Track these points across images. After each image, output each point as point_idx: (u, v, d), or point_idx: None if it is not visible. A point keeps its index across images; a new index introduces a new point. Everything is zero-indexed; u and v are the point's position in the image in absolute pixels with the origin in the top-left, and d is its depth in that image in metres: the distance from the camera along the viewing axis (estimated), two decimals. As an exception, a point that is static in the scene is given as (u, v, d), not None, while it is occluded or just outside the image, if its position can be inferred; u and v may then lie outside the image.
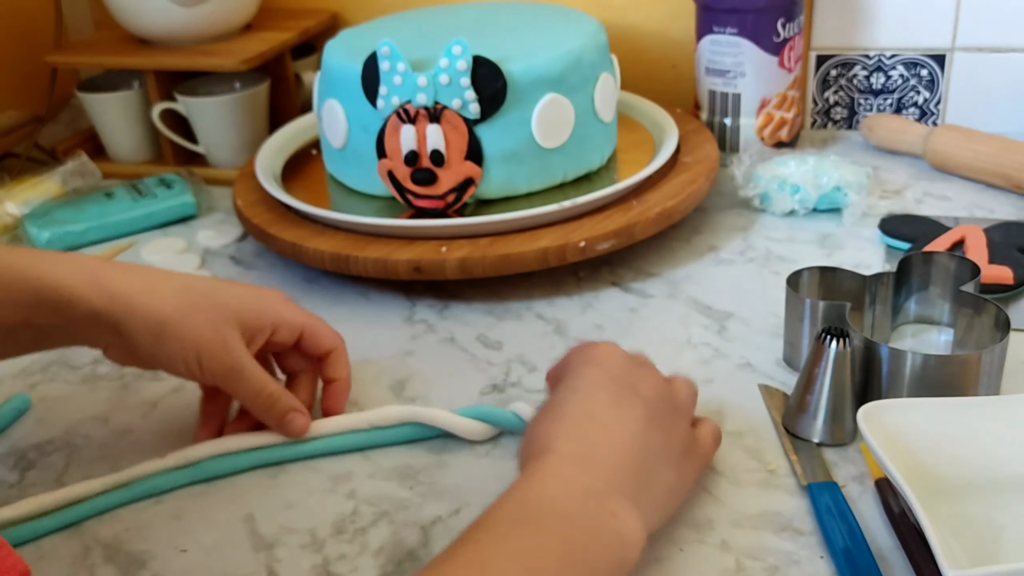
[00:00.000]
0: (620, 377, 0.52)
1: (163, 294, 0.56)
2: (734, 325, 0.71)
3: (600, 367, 0.52)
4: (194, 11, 0.98)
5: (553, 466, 0.47)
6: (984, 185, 0.89)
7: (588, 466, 0.47)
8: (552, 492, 0.45)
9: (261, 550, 0.54)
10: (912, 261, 0.67)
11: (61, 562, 0.54)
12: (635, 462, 0.48)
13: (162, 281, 0.57)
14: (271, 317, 0.59)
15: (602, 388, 0.51)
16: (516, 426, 0.61)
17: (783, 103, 0.94)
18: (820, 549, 0.51)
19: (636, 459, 0.49)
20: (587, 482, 0.46)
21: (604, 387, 0.51)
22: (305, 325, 0.61)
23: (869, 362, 0.60)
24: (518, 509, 0.44)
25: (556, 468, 0.46)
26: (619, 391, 0.51)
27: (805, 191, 0.84)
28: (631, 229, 0.76)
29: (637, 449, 0.49)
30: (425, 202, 0.78)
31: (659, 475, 0.50)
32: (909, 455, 0.52)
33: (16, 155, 1.07)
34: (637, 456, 0.49)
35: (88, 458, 0.62)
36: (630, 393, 0.51)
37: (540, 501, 0.45)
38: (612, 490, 0.46)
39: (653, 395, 0.52)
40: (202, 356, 0.56)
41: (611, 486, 0.47)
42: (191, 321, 0.56)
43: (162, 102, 1.00)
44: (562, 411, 0.50)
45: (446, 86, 0.74)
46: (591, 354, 0.53)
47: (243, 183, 0.89)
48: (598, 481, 0.46)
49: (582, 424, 0.49)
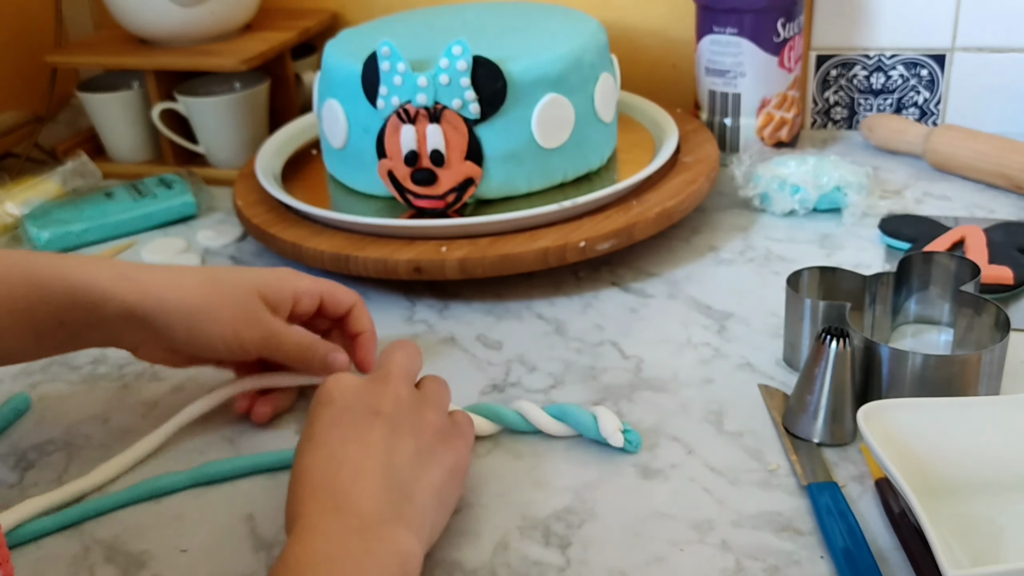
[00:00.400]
0: (352, 405, 0.52)
1: (189, 286, 0.59)
2: (734, 325, 0.71)
3: (332, 405, 0.52)
4: (194, 11, 0.98)
5: (311, 525, 0.47)
6: (984, 185, 0.89)
7: (340, 513, 0.47)
8: (316, 547, 0.46)
9: (261, 550, 0.54)
10: (912, 261, 0.67)
11: (61, 562, 0.54)
12: (387, 483, 0.49)
13: (187, 274, 0.60)
14: (290, 288, 0.62)
15: (335, 425, 0.51)
16: (518, 425, 0.61)
17: (783, 103, 0.94)
18: (820, 549, 0.51)
19: (387, 480, 0.49)
20: (346, 525, 0.47)
21: (337, 423, 0.51)
22: (323, 290, 0.64)
23: (869, 362, 0.60)
24: (293, 568, 0.45)
25: (311, 526, 0.47)
26: (353, 420, 0.51)
27: (805, 191, 0.84)
28: (631, 229, 0.76)
29: (387, 472, 0.49)
30: (425, 202, 0.78)
31: (420, 481, 0.50)
32: (909, 455, 0.52)
33: (16, 155, 1.07)
34: (388, 477, 0.49)
35: (88, 458, 0.62)
36: (365, 417, 0.51)
37: (312, 555, 0.45)
38: (370, 522, 0.47)
39: (392, 407, 0.52)
40: (239, 330, 0.59)
41: (369, 520, 0.47)
42: (220, 304, 0.59)
43: (162, 102, 1.00)
44: (303, 468, 0.50)
45: (446, 86, 0.74)
46: (323, 394, 0.53)
47: (243, 183, 0.89)
48: (352, 520, 0.47)
49: (325, 473, 0.49)
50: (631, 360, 0.68)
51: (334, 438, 0.51)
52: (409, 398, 0.54)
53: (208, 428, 0.64)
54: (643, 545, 0.52)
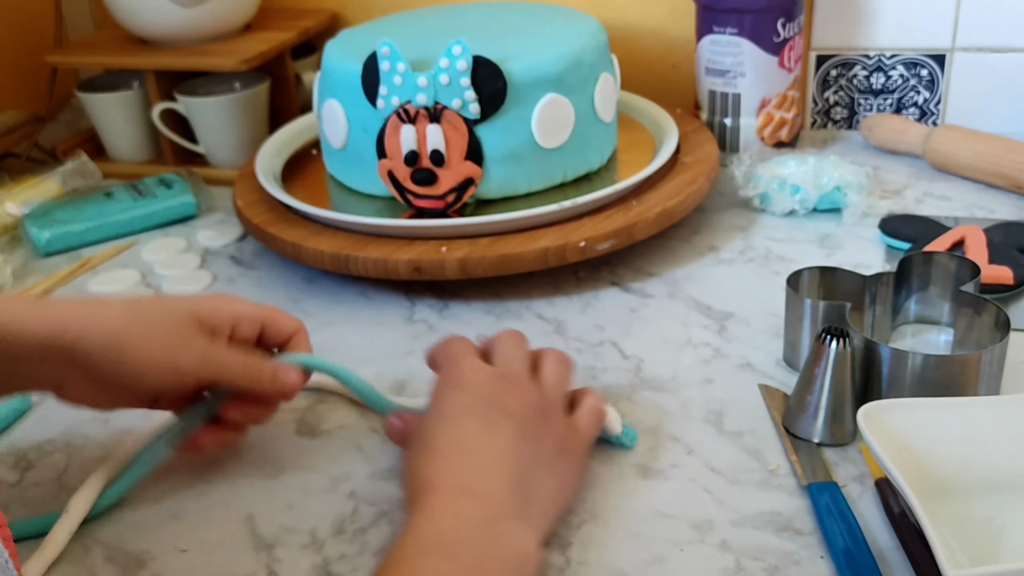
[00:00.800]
0: (486, 398, 0.53)
1: (112, 316, 0.53)
2: (734, 325, 0.71)
3: (466, 392, 0.53)
4: (194, 11, 0.98)
5: (441, 503, 0.48)
6: (984, 185, 0.89)
7: (472, 497, 0.49)
8: (445, 525, 0.47)
9: (261, 550, 0.54)
10: (912, 261, 0.67)
11: (61, 562, 0.54)
12: (513, 481, 0.50)
13: (109, 304, 0.55)
14: (228, 312, 0.57)
15: (470, 414, 0.52)
16: None
17: (783, 103, 0.94)
18: (820, 549, 0.51)
19: (514, 478, 0.50)
20: (476, 512, 0.48)
21: (472, 412, 0.52)
22: (264, 316, 0.59)
23: (869, 362, 0.60)
24: (418, 544, 0.46)
25: (443, 503, 0.48)
26: (487, 412, 0.52)
27: (805, 191, 0.84)
28: (631, 229, 0.76)
29: (515, 469, 0.51)
30: (425, 202, 0.78)
31: (539, 485, 0.52)
32: (909, 455, 0.52)
33: (16, 155, 1.07)
34: (514, 475, 0.50)
35: (88, 458, 0.62)
36: (498, 413, 0.52)
37: (439, 534, 0.47)
38: (499, 513, 0.48)
39: (521, 409, 0.53)
40: (173, 354, 0.54)
41: (497, 510, 0.49)
42: (150, 332, 0.54)
43: (162, 102, 1.00)
44: (436, 443, 0.51)
45: (446, 86, 0.74)
46: (456, 376, 0.54)
47: (243, 183, 0.89)
48: (483, 508, 0.48)
49: (457, 455, 0.51)
50: (631, 360, 0.68)
51: (467, 425, 0.52)
52: (537, 403, 0.54)
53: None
54: (643, 545, 0.52)
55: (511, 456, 0.51)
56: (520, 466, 0.51)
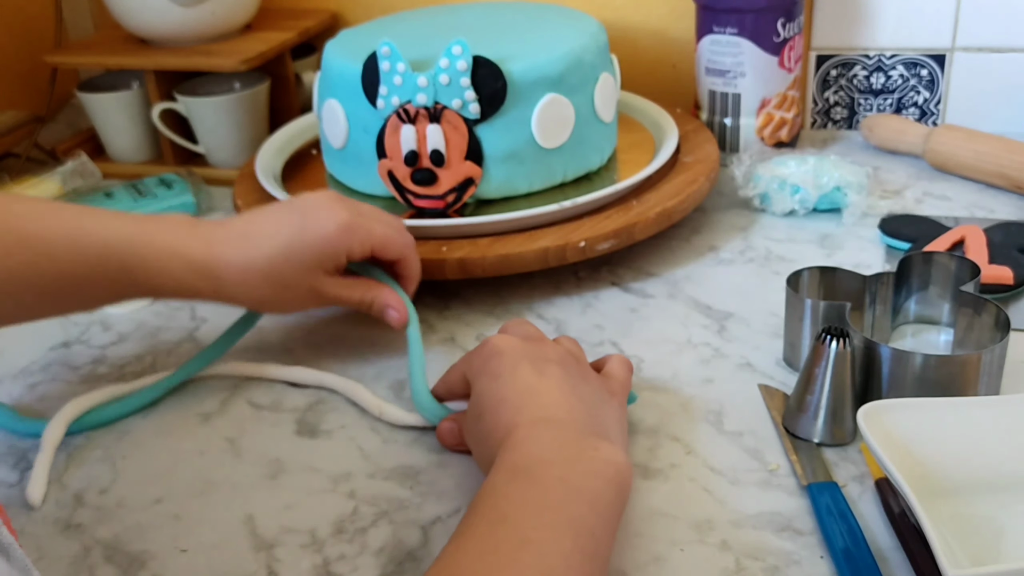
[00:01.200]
0: (526, 353, 0.56)
1: (255, 283, 0.63)
2: (734, 325, 0.71)
3: (504, 354, 0.55)
4: (194, 11, 0.98)
5: (523, 433, 0.50)
6: (984, 185, 0.89)
7: (554, 423, 0.50)
8: (533, 450, 0.48)
9: (261, 550, 0.54)
10: (912, 261, 0.67)
11: (61, 562, 0.54)
12: (583, 409, 0.52)
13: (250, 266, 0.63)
14: (344, 253, 0.65)
15: (517, 366, 0.54)
16: None
17: (783, 103, 0.94)
18: (820, 549, 0.51)
19: (582, 407, 0.53)
20: (560, 434, 0.50)
21: (518, 364, 0.54)
22: (375, 245, 0.66)
23: (869, 362, 0.60)
24: (509, 471, 0.47)
25: (527, 433, 0.50)
26: (533, 363, 0.55)
27: (805, 191, 0.84)
28: (631, 229, 0.76)
29: (576, 400, 0.53)
30: (425, 202, 0.78)
31: (606, 414, 0.54)
32: (909, 455, 0.52)
33: (16, 155, 1.07)
34: (581, 405, 0.53)
35: (88, 458, 0.62)
36: (542, 361, 0.55)
37: (527, 458, 0.48)
38: (580, 434, 0.50)
39: (558, 357, 0.56)
40: (305, 304, 0.67)
41: (581, 432, 0.50)
42: (285, 293, 0.65)
43: (162, 102, 1.00)
44: (500, 395, 0.53)
45: (446, 86, 0.74)
46: (489, 348, 0.57)
47: (243, 183, 0.89)
48: (564, 430, 0.50)
49: (525, 396, 0.52)
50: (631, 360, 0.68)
51: (523, 373, 0.54)
52: (567, 353, 0.57)
53: (208, 426, 0.64)
54: (643, 545, 0.52)
55: (571, 391, 0.53)
56: (581, 399, 0.53)
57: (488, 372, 0.55)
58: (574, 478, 0.47)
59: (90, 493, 0.59)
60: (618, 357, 0.61)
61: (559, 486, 0.46)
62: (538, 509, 0.45)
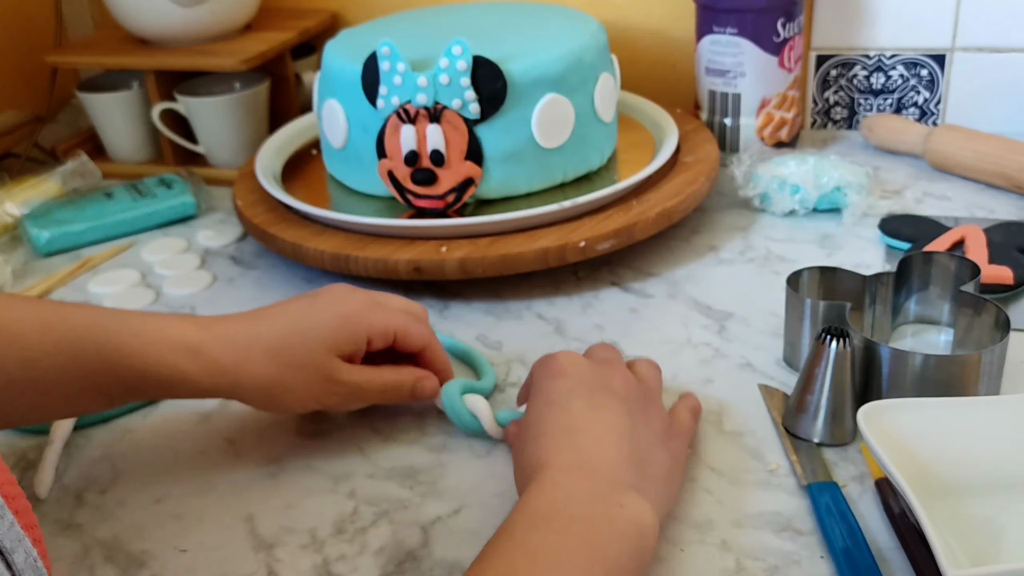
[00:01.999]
0: (589, 380, 0.53)
1: (260, 362, 0.56)
2: (734, 325, 0.71)
3: (567, 377, 0.53)
4: (194, 11, 0.98)
5: (553, 478, 0.48)
6: (984, 185, 0.89)
7: (585, 472, 0.48)
8: (558, 499, 0.46)
9: (261, 550, 0.54)
10: (912, 261, 0.67)
11: (61, 562, 0.54)
12: (628, 456, 0.50)
13: (256, 346, 0.57)
14: (364, 333, 0.59)
15: (575, 396, 0.52)
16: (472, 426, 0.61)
17: (783, 103, 0.94)
18: (820, 549, 0.51)
19: (628, 454, 0.50)
20: (588, 486, 0.47)
21: (577, 394, 0.52)
22: (397, 330, 0.61)
23: (869, 362, 0.59)
24: (530, 518, 0.46)
25: (556, 479, 0.48)
26: (592, 394, 0.52)
27: (805, 191, 0.84)
28: (631, 229, 0.76)
29: (626, 444, 0.50)
30: (425, 202, 0.78)
31: (653, 461, 0.51)
32: (909, 455, 0.51)
33: (16, 155, 1.07)
34: (628, 450, 0.50)
35: (88, 458, 0.62)
36: (603, 393, 0.53)
37: (550, 507, 0.46)
38: (614, 487, 0.48)
39: (624, 389, 0.54)
40: (317, 396, 0.58)
41: (612, 484, 0.48)
42: (294, 378, 0.57)
43: (162, 102, 1.00)
44: (544, 427, 0.51)
45: (446, 86, 0.74)
46: (554, 365, 0.55)
47: (243, 183, 0.89)
48: (595, 481, 0.48)
49: (568, 435, 0.50)
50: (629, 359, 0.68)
51: (575, 406, 0.52)
52: (635, 383, 0.55)
53: (208, 426, 0.64)
54: (643, 545, 0.52)
55: (620, 432, 0.51)
56: (632, 443, 0.51)
57: (543, 393, 0.53)
58: (595, 538, 0.45)
59: (90, 493, 0.59)
60: (687, 400, 0.59)
61: (578, 546, 0.44)
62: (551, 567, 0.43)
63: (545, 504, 0.46)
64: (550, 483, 0.47)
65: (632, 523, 0.46)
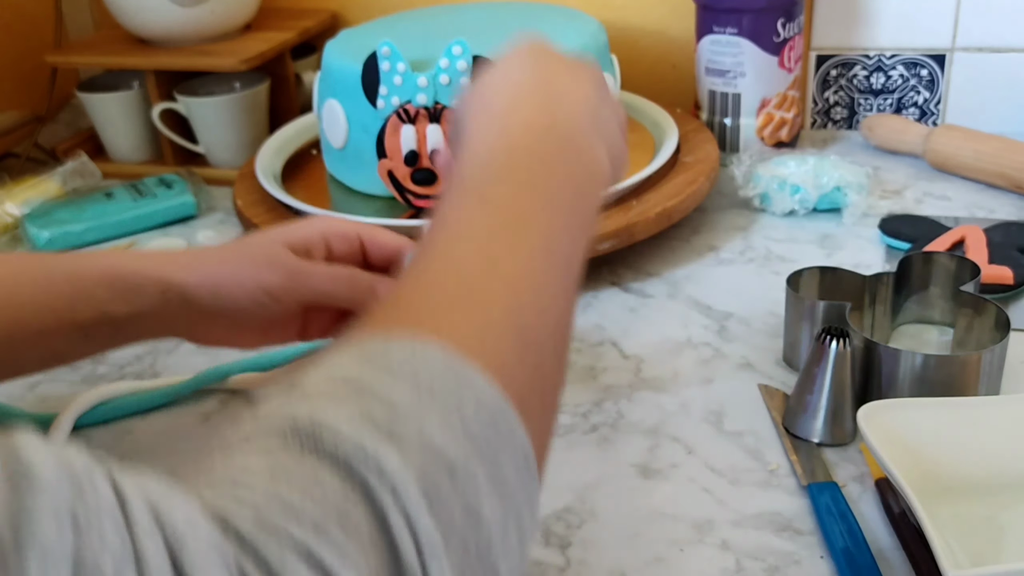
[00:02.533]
0: (527, 51, 0.50)
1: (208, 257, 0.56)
2: (734, 325, 0.71)
3: (506, 60, 0.49)
4: (194, 11, 0.98)
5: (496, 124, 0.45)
6: (984, 185, 0.89)
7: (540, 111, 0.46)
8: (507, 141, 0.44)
9: (261, 550, 0.54)
10: (912, 261, 0.67)
11: (61, 562, 0.54)
12: (590, 118, 0.47)
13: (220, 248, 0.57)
14: (319, 230, 0.58)
15: (517, 64, 0.49)
16: None
17: (783, 103, 0.94)
18: (820, 549, 0.51)
19: (590, 117, 0.47)
20: (547, 120, 0.45)
21: (518, 59, 0.49)
22: (361, 232, 0.59)
23: (869, 362, 0.60)
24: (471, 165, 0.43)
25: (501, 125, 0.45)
26: (568, 63, 0.49)
27: (805, 191, 0.84)
28: (631, 229, 0.76)
29: (581, 101, 0.47)
30: (425, 202, 0.78)
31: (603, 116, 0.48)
32: (909, 455, 0.52)
33: (16, 155, 1.07)
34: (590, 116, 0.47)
35: (88, 458, 0.62)
36: (578, 64, 0.50)
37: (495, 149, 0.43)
38: (572, 131, 0.45)
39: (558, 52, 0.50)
40: (259, 277, 0.55)
41: (571, 128, 0.45)
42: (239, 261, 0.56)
43: (162, 102, 1.00)
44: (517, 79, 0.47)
45: (446, 86, 0.74)
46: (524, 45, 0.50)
47: (243, 183, 0.89)
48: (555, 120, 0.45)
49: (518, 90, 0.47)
50: (631, 360, 0.68)
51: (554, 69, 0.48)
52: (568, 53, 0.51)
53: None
54: (643, 545, 0.52)
55: (591, 103, 0.48)
56: (594, 116, 0.47)
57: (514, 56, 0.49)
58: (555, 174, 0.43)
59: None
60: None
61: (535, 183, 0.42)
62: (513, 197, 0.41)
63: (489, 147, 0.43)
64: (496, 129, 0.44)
65: (593, 161, 0.45)
